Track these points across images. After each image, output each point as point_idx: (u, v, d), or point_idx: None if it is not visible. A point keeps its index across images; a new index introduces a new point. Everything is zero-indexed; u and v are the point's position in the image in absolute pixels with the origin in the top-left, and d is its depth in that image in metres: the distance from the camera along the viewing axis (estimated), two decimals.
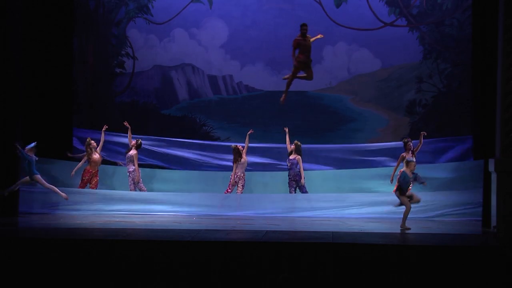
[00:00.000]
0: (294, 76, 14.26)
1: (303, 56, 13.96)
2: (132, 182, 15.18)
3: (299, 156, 15.05)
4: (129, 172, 15.22)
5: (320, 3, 17.00)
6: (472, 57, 15.08)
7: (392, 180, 14.75)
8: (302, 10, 17.09)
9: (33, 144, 13.76)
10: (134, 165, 15.19)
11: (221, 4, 17.24)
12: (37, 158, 13.76)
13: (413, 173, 12.29)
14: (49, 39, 15.36)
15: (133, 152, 15.30)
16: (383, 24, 16.88)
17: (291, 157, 15.10)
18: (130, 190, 15.16)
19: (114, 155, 16.33)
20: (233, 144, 15.47)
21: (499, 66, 12.01)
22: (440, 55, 16.78)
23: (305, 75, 14.24)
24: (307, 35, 14.08)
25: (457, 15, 16.67)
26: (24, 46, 14.42)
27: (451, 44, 16.70)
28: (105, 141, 15.53)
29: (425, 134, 14.95)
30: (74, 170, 15.06)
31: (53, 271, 9.97)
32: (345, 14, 16.97)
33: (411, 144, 14.76)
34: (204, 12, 17.29)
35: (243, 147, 15.27)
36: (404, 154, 14.76)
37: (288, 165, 15.07)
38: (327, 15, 16.96)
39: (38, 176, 13.75)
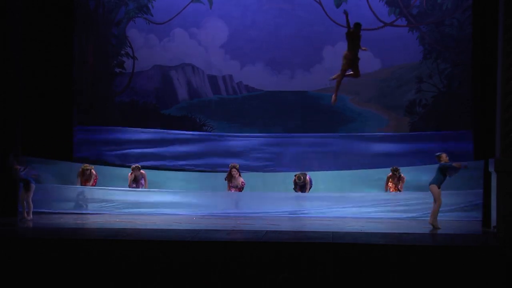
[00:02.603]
0: (343, 75, 13.96)
1: (350, 53, 13.76)
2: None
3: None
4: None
5: (320, 3, 16.98)
6: (472, 57, 15.08)
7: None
8: (302, 10, 17.08)
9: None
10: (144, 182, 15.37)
11: (221, 4, 17.22)
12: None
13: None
14: (49, 39, 15.37)
15: (143, 172, 15.36)
16: (383, 24, 16.87)
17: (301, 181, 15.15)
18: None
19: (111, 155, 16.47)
20: (231, 164, 15.41)
21: (499, 66, 12.01)
22: (440, 55, 16.76)
23: (351, 73, 14.01)
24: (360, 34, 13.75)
25: (457, 15, 16.65)
26: (24, 46, 14.43)
27: (451, 44, 16.68)
28: (105, 142, 15.64)
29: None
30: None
31: (53, 271, 9.97)
32: None
33: (398, 175, 14.77)
34: (204, 12, 17.27)
35: (237, 171, 15.24)
36: (389, 175, 14.84)
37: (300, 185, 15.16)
38: (327, 15, 16.94)
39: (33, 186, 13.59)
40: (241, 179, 15.16)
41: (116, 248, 10.14)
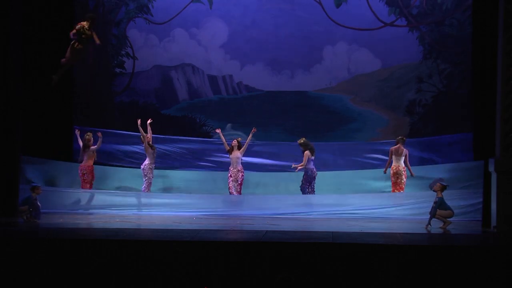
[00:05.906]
0: (68, 61, 13.85)
1: (82, 46, 13.68)
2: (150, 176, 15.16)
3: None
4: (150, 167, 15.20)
5: (320, 3, 16.99)
6: (472, 57, 15.08)
7: (386, 171, 14.79)
8: (302, 10, 17.10)
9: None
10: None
11: (221, 4, 17.24)
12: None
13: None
14: (49, 39, 15.35)
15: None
16: (383, 24, 16.88)
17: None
18: (145, 189, 15.14)
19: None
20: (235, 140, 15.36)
21: (499, 66, 12.02)
22: (440, 55, 16.77)
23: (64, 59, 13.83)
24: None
25: (457, 15, 16.66)
26: (24, 46, 14.42)
27: (451, 44, 16.69)
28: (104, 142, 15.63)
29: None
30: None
31: (53, 271, 9.97)
32: (345, 14, 16.97)
33: (403, 150, 14.74)
34: (204, 12, 17.28)
35: (238, 143, 15.18)
36: (393, 148, 14.80)
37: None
38: (327, 15, 16.95)
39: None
40: (240, 159, 15.11)
41: (116, 248, 10.13)
